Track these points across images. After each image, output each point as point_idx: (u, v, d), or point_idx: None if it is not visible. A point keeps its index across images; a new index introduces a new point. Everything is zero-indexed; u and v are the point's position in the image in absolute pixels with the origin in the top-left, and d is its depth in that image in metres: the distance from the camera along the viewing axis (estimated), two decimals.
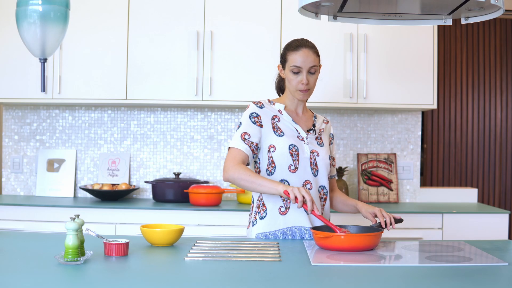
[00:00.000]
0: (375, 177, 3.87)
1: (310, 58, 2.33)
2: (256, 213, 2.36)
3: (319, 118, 2.53)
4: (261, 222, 2.34)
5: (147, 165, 3.96)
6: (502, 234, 3.39)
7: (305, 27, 3.58)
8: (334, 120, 3.95)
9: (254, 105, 2.37)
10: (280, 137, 2.33)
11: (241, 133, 2.32)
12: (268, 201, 2.33)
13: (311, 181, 2.34)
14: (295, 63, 2.33)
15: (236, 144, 2.31)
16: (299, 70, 2.33)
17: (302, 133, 2.38)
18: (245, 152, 2.30)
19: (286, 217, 2.31)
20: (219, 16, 3.60)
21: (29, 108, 3.97)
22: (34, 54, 2.11)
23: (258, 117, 2.34)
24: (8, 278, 1.58)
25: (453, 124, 5.43)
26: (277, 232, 2.31)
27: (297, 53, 2.34)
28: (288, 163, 2.31)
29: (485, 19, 2.22)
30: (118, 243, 1.88)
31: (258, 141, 2.33)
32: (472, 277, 1.65)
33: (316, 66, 2.35)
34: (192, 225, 3.35)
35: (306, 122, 2.45)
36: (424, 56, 3.63)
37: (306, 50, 2.34)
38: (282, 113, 2.39)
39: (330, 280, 1.64)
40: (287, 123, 2.38)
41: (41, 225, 3.38)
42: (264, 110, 2.37)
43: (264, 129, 2.34)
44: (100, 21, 3.62)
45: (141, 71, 3.61)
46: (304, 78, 2.33)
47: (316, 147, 2.38)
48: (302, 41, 2.38)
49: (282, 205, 2.31)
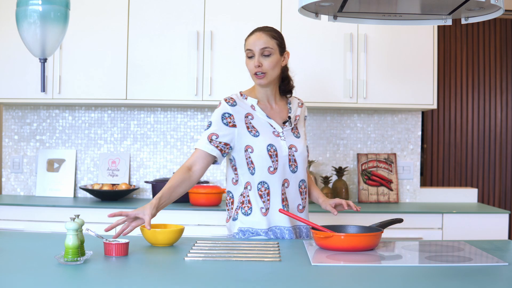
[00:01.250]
0: (375, 177, 3.87)
1: (261, 40, 2.31)
2: (239, 208, 2.35)
3: (294, 103, 2.49)
4: (246, 218, 2.33)
5: (147, 165, 3.96)
6: (502, 234, 3.39)
7: (305, 27, 3.58)
8: (334, 120, 3.95)
9: (225, 104, 2.33)
10: (256, 137, 2.31)
11: (208, 134, 2.31)
12: (253, 199, 2.32)
13: (289, 179, 2.34)
14: (247, 46, 2.34)
15: (201, 145, 2.31)
16: (251, 53, 2.33)
17: (278, 128, 2.35)
18: (209, 153, 2.30)
19: (267, 218, 2.32)
20: (219, 16, 3.60)
21: (29, 108, 3.97)
22: (34, 54, 2.11)
23: (231, 117, 2.32)
24: (8, 278, 1.58)
25: (453, 124, 5.43)
26: (259, 230, 2.32)
27: (250, 37, 2.35)
28: (267, 165, 2.30)
29: (485, 19, 2.22)
30: (118, 243, 1.87)
31: (229, 141, 2.31)
32: (472, 277, 1.65)
33: (270, 48, 2.31)
34: (192, 225, 3.35)
35: (281, 113, 2.41)
36: (424, 56, 3.63)
37: (258, 33, 2.34)
38: (255, 109, 2.37)
39: (330, 280, 1.64)
40: (261, 120, 2.35)
41: (41, 225, 3.38)
42: (237, 108, 2.33)
43: (238, 128, 2.31)
44: (100, 21, 3.62)
45: (141, 71, 3.61)
46: (256, 60, 2.31)
47: (293, 140, 2.36)
48: (257, 27, 2.39)
49: (263, 206, 2.32)
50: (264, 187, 2.31)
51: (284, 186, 2.33)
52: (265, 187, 2.31)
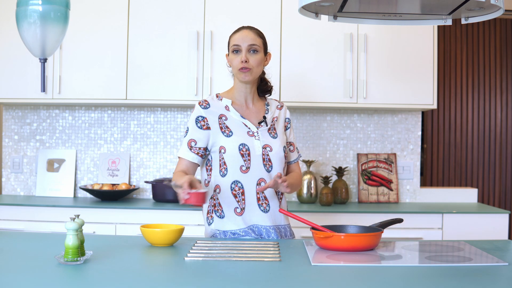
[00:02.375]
0: (375, 177, 3.87)
1: (249, 36, 2.36)
2: (212, 211, 2.35)
3: (272, 105, 2.49)
4: (220, 220, 2.33)
5: (147, 165, 3.96)
6: (502, 234, 3.39)
7: (305, 27, 3.58)
8: (334, 120, 3.95)
9: (199, 107, 2.36)
10: (229, 137, 2.32)
11: (187, 140, 2.34)
12: (222, 201, 2.33)
13: (265, 178, 2.33)
14: (234, 41, 2.36)
15: (182, 153, 2.35)
16: (238, 48, 2.35)
17: (252, 128, 2.36)
18: (191, 161, 2.34)
19: (243, 217, 2.32)
20: (219, 16, 3.60)
21: (29, 108, 3.97)
22: (34, 54, 2.11)
23: (204, 120, 2.34)
24: (8, 278, 1.58)
25: (453, 124, 5.43)
26: (239, 231, 2.32)
27: (237, 33, 2.38)
28: (239, 164, 2.30)
29: (485, 19, 2.22)
30: (197, 192, 2.03)
31: (206, 145, 2.34)
32: (472, 277, 1.65)
33: (257, 45, 2.35)
34: (192, 225, 3.35)
35: (257, 113, 2.42)
36: (424, 56, 3.63)
37: (246, 30, 2.39)
38: (229, 109, 2.37)
39: (330, 280, 1.64)
40: (235, 120, 2.36)
41: (41, 225, 3.38)
42: (210, 110, 2.35)
43: (212, 130, 2.33)
44: (100, 21, 3.62)
45: (141, 71, 3.61)
46: (243, 55, 2.33)
47: (268, 140, 2.36)
48: (243, 26, 2.43)
49: (237, 206, 2.32)
50: (238, 186, 2.31)
51: (260, 186, 2.32)
52: (239, 187, 2.31)
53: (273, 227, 2.34)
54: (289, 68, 3.59)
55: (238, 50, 2.35)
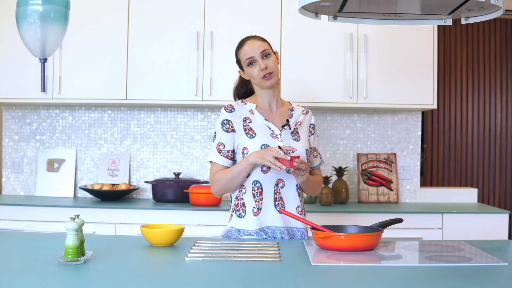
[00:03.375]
0: (375, 177, 3.87)
1: (257, 44, 2.38)
2: (234, 210, 2.38)
3: (297, 110, 2.51)
4: (239, 220, 2.35)
5: (147, 165, 3.96)
6: (502, 234, 3.39)
7: (305, 27, 3.58)
8: (334, 120, 3.95)
9: (224, 111, 2.40)
10: (252, 138, 2.34)
11: (216, 144, 2.38)
12: (246, 200, 2.35)
13: (284, 180, 2.35)
14: (246, 55, 2.38)
15: (214, 158, 2.38)
16: (252, 59, 2.37)
17: (276, 130, 2.38)
18: (222, 165, 2.37)
19: (258, 218, 2.33)
20: (219, 16, 3.60)
21: (29, 108, 3.97)
22: (34, 54, 2.11)
23: (229, 123, 2.37)
24: (8, 278, 1.58)
25: (453, 124, 5.43)
26: (251, 231, 2.33)
27: (243, 47, 2.41)
28: None
29: (485, 19, 2.22)
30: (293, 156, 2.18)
31: (233, 148, 2.37)
32: (472, 277, 1.65)
33: (267, 49, 2.38)
34: (192, 225, 3.35)
35: (281, 117, 2.44)
36: (424, 56, 3.63)
37: (250, 40, 2.41)
38: (253, 113, 2.40)
39: (330, 280, 1.64)
40: (259, 123, 2.39)
41: (41, 225, 3.38)
42: (234, 113, 2.39)
43: (237, 133, 2.37)
44: (100, 21, 3.62)
45: (141, 71, 3.61)
46: (261, 63, 2.35)
47: (291, 143, 2.38)
48: (244, 38, 2.45)
49: (255, 206, 2.33)
50: (257, 186, 2.33)
51: (278, 186, 2.34)
52: (258, 186, 2.33)
53: (286, 228, 2.34)
54: (289, 68, 3.59)
55: (253, 62, 2.37)
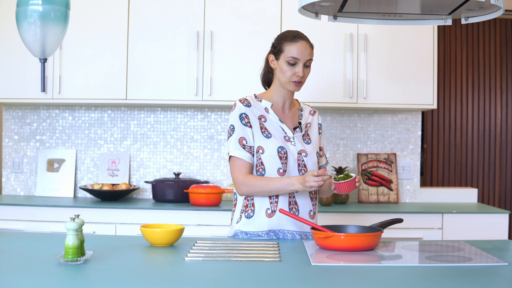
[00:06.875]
0: (375, 177, 3.87)
1: (307, 51, 2.33)
2: (243, 211, 2.35)
3: (305, 110, 2.49)
4: (247, 220, 2.33)
5: (147, 165, 3.96)
6: (502, 234, 3.39)
7: (305, 27, 3.57)
8: (334, 120, 3.95)
9: (241, 104, 2.35)
10: (268, 139, 2.32)
11: (238, 138, 2.31)
12: (257, 201, 2.32)
13: None
14: (293, 54, 2.32)
15: (237, 153, 2.30)
16: (296, 61, 2.32)
17: (289, 133, 2.36)
18: (248, 161, 2.31)
19: (271, 220, 2.31)
20: (219, 16, 3.60)
21: (29, 108, 3.97)
22: (34, 54, 2.11)
23: (247, 117, 2.33)
24: (8, 278, 1.58)
25: (453, 124, 5.43)
26: (261, 232, 2.31)
27: (295, 45, 2.33)
28: (277, 166, 2.30)
29: (485, 19, 2.22)
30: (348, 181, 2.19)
31: (253, 144, 2.32)
32: (472, 277, 1.65)
33: (311, 60, 2.36)
34: (192, 225, 3.35)
35: (293, 118, 2.42)
36: (424, 56, 3.63)
37: (304, 42, 2.35)
38: (268, 112, 2.38)
39: (330, 280, 1.64)
40: (274, 123, 2.36)
41: (41, 225, 3.38)
42: (251, 109, 2.35)
43: (253, 129, 2.33)
44: (100, 21, 3.62)
45: (141, 71, 3.61)
46: (300, 71, 2.31)
47: (303, 146, 2.37)
48: (298, 33, 2.38)
49: (269, 207, 2.31)
50: None
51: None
52: None
53: (299, 232, 2.33)
54: None
55: (295, 63, 2.32)
